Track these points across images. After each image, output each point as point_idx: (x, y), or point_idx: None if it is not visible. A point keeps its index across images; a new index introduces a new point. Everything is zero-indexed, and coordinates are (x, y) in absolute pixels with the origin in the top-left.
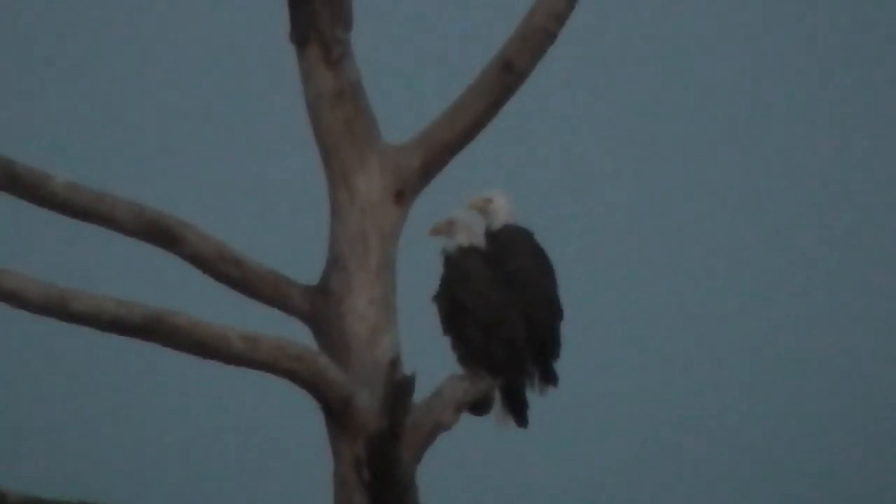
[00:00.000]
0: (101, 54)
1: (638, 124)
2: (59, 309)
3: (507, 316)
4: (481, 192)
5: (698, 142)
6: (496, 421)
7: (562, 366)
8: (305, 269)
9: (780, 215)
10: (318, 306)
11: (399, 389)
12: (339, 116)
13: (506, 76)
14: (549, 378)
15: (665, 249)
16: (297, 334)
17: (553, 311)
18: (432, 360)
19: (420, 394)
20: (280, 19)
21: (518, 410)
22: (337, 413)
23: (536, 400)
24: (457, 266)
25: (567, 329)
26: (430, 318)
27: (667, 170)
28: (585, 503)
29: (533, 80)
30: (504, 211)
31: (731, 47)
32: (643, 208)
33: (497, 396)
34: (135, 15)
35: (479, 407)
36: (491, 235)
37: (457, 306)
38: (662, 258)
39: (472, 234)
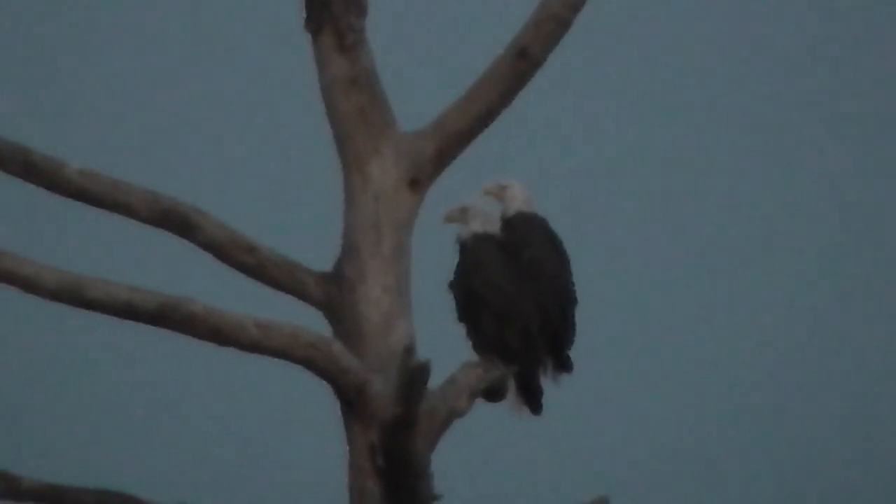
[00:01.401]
0: (114, 43)
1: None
2: (74, 296)
3: (521, 304)
4: (497, 179)
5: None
6: (510, 408)
7: (576, 353)
8: (319, 256)
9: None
10: (332, 294)
11: (413, 376)
12: (354, 103)
13: (520, 63)
14: (564, 365)
15: (682, 235)
16: (311, 322)
17: (567, 299)
18: (447, 348)
19: (434, 381)
20: (294, 6)
21: (532, 398)
22: (351, 400)
23: (551, 387)
24: (471, 253)
25: (581, 316)
26: (445, 305)
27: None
28: (600, 491)
29: (549, 66)
30: (519, 198)
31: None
32: (658, 195)
33: (511, 384)
34: (149, 3)
35: (493, 394)
36: (505, 222)
37: (471, 294)
38: (679, 244)
39: (486, 220)
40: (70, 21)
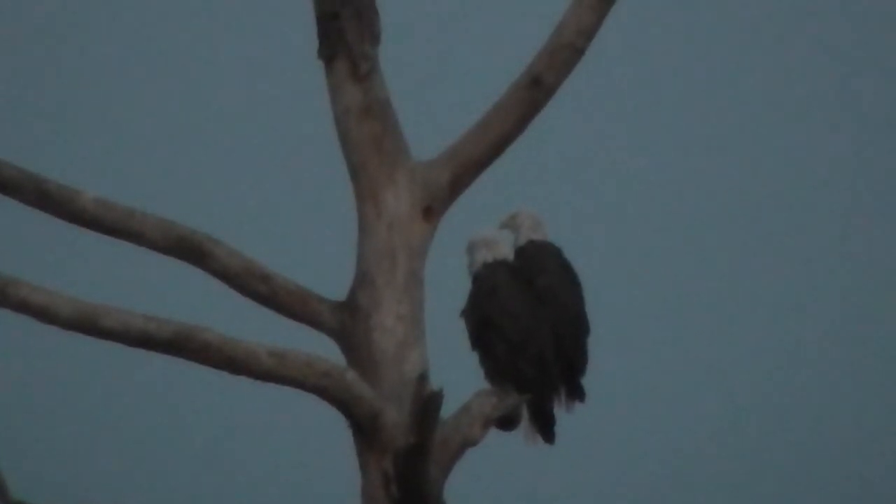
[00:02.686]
0: (127, 71)
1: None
2: (88, 325)
3: (535, 332)
4: (510, 210)
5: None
6: (524, 437)
7: (588, 381)
8: (333, 284)
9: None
10: (346, 322)
11: (427, 405)
12: (367, 132)
13: (534, 92)
14: (576, 394)
15: (697, 261)
16: (324, 350)
17: (581, 327)
18: (460, 376)
19: (448, 409)
20: (308, 35)
21: (545, 426)
22: (365, 429)
23: (564, 416)
24: (485, 281)
25: (594, 344)
26: (458, 333)
27: (699, 183)
28: None
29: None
30: (527, 226)
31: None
32: (673, 222)
33: (524, 412)
34: (164, 31)
35: (506, 422)
36: (518, 251)
37: (485, 322)
38: (692, 271)
39: (496, 250)
40: (83, 51)
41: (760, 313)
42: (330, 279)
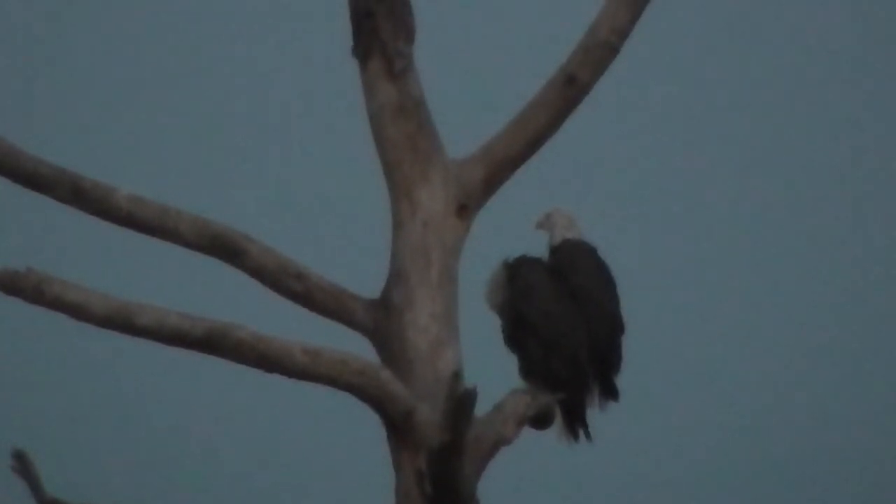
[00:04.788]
0: (161, 67)
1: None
2: (123, 322)
3: (570, 331)
4: (544, 208)
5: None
6: (557, 435)
7: (623, 380)
8: (367, 282)
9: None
10: (380, 320)
11: (461, 403)
12: (402, 130)
13: (568, 90)
14: (610, 393)
15: (731, 257)
16: (357, 348)
17: (615, 326)
18: (494, 374)
19: (482, 408)
20: (342, 33)
21: (579, 425)
22: (399, 427)
23: (598, 415)
24: (521, 279)
25: (628, 343)
26: (492, 331)
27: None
28: None
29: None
30: (562, 225)
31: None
32: (706, 220)
33: (558, 411)
34: (199, 31)
35: (540, 421)
36: (553, 250)
37: (520, 320)
38: (728, 267)
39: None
40: (117, 49)
41: (795, 312)
42: (364, 277)
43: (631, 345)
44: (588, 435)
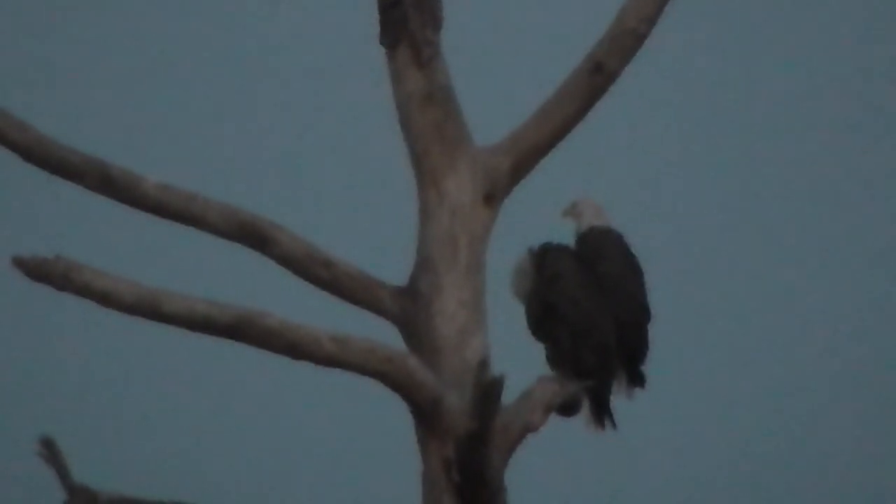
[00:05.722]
0: (186, 53)
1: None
2: (151, 310)
3: (598, 319)
4: (571, 196)
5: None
6: (585, 423)
7: (652, 369)
8: (394, 270)
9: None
10: (407, 308)
11: (488, 391)
12: (429, 118)
13: (596, 78)
14: (637, 380)
15: (758, 248)
16: (385, 336)
17: (643, 314)
18: (521, 362)
19: (509, 395)
20: (370, 21)
21: (607, 413)
22: (426, 414)
23: (626, 403)
24: (549, 267)
25: (656, 331)
26: (520, 319)
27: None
28: None
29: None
30: (590, 213)
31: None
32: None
33: (586, 399)
34: (225, 16)
35: (567, 409)
36: (580, 237)
37: (548, 308)
38: (757, 255)
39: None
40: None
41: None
42: (391, 265)
43: (658, 333)
44: (614, 423)
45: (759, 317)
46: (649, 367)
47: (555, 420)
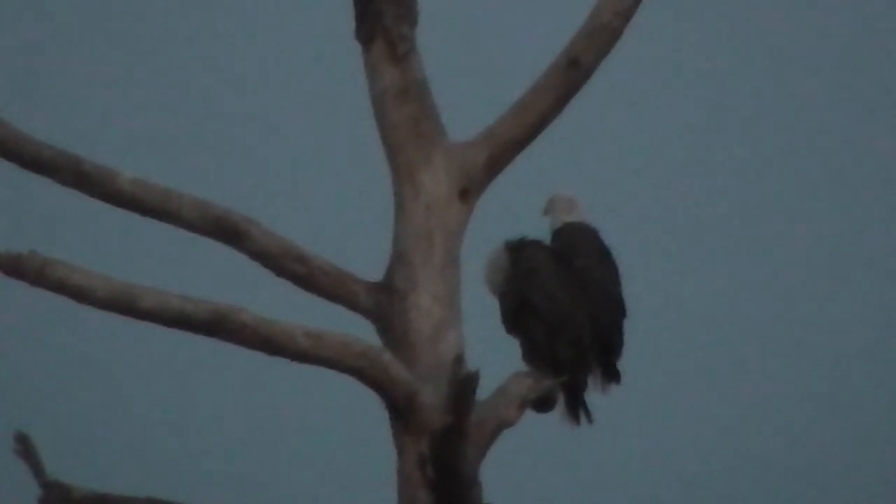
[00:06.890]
0: (163, 51)
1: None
2: (126, 305)
3: (573, 314)
4: (546, 191)
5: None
6: (560, 419)
7: (626, 364)
8: (369, 265)
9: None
10: (382, 303)
11: (463, 386)
12: (405, 113)
13: (571, 73)
14: (612, 376)
15: (736, 244)
16: (360, 331)
17: (618, 310)
18: (496, 357)
19: (484, 391)
20: (345, 16)
21: (581, 408)
22: (401, 410)
23: (600, 399)
24: (525, 262)
25: (631, 327)
26: (495, 315)
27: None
28: (649, 501)
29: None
30: (562, 209)
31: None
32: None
33: (561, 394)
34: (197, 15)
35: (543, 404)
36: (555, 233)
37: (523, 303)
38: (734, 251)
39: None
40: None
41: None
42: (366, 261)
43: (634, 329)
44: (589, 418)
45: (742, 311)
46: (630, 364)
47: (530, 415)
